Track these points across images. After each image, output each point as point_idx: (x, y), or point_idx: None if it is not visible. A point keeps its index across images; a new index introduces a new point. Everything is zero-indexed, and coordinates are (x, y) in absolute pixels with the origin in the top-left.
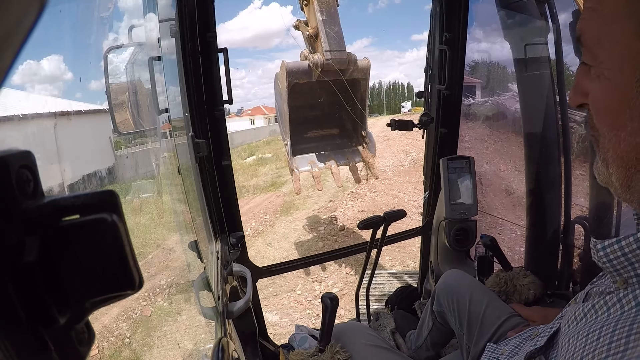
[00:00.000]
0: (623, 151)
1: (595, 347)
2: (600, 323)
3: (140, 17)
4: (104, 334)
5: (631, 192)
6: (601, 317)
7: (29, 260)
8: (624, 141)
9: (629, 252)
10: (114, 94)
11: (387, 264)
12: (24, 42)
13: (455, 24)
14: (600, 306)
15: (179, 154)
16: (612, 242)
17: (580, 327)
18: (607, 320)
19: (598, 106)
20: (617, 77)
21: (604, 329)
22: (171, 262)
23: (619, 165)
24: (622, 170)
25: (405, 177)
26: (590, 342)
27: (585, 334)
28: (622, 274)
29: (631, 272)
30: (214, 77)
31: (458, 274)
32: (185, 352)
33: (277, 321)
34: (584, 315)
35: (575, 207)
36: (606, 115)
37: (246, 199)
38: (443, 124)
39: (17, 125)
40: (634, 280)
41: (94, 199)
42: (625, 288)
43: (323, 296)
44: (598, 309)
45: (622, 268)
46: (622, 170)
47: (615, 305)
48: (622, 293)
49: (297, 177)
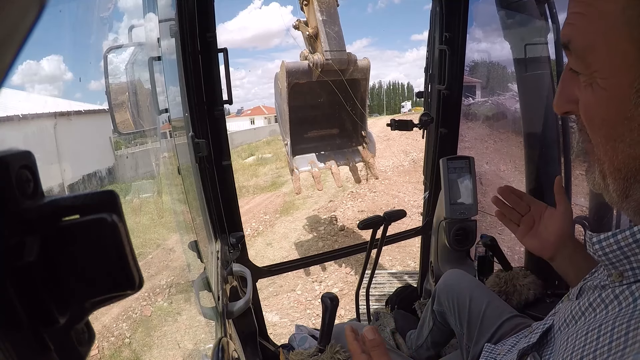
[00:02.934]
0: (621, 163)
1: (596, 347)
2: (598, 321)
3: (140, 17)
4: (104, 334)
5: (628, 201)
6: (599, 315)
7: (29, 260)
8: (621, 153)
9: (625, 245)
10: (114, 94)
11: (387, 264)
12: (24, 42)
13: (455, 24)
14: (597, 304)
15: (179, 154)
16: (607, 236)
17: (579, 326)
18: (605, 318)
19: (591, 117)
20: (614, 87)
21: (602, 327)
22: (171, 262)
23: (617, 177)
24: (620, 181)
25: (405, 177)
26: (590, 341)
27: (585, 333)
28: (617, 267)
29: (627, 266)
30: (214, 77)
31: (458, 274)
32: (185, 352)
33: (277, 321)
34: (582, 313)
35: (575, 207)
36: (601, 126)
37: (246, 199)
38: (443, 124)
39: (17, 125)
40: (629, 274)
41: (94, 199)
42: (621, 282)
43: (323, 296)
44: (596, 307)
45: (617, 261)
46: (620, 182)
47: (613, 302)
48: (618, 289)
49: (297, 177)
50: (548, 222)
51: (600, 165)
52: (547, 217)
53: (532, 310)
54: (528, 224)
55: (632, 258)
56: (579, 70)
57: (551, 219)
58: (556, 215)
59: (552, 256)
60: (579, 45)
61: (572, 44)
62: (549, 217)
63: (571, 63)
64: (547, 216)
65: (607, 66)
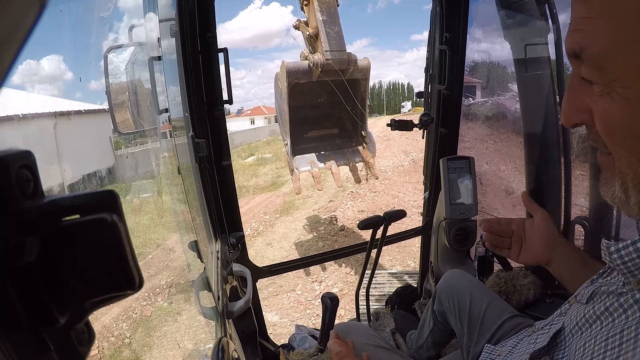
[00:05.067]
0: None
1: (619, 353)
2: (619, 327)
3: (140, 17)
4: (104, 334)
5: None
6: (619, 321)
7: (29, 260)
8: None
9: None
10: (114, 94)
11: (387, 264)
12: (24, 42)
13: (455, 24)
14: (615, 308)
15: (179, 154)
16: (627, 244)
17: (596, 331)
18: (626, 323)
19: (612, 128)
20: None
21: (624, 333)
22: (171, 262)
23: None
24: None
25: (405, 177)
26: (612, 347)
27: (605, 338)
28: (636, 275)
29: None
30: (214, 77)
31: (459, 274)
32: (185, 352)
33: (277, 321)
34: (597, 317)
35: (575, 207)
36: (625, 138)
37: (246, 199)
38: (443, 124)
39: (17, 125)
40: None
41: (94, 199)
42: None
43: (323, 296)
44: (613, 312)
45: (636, 269)
46: None
47: (633, 307)
48: (638, 295)
49: (297, 177)
50: (531, 233)
51: (622, 177)
52: (529, 229)
53: (532, 310)
54: (517, 243)
55: None
56: (594, 79)
57: (532, 229)
58: (536, 224)
59: (548, 261)
60: (593, 53)
61: (586, 52)
62: (531, 228)
63: (584, 72)
64: (529, 227)
65: (628, 74)
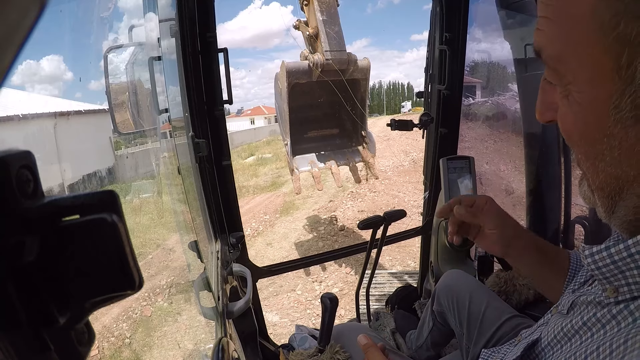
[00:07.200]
0: (602, 182)
1: None
2: (596, 343)
3: (140, 17)
4: (104, 334)
5: (614, 217)
6: (597, 336)
7: (29, 260)
8: (602, 172)
9: (619, 259)
10: (114, 94)
11: (387, 264)
12: (24, 42)
13: (455, 24)
14: (593, 323)
15: (179, 154)
16: (600, 249)
17: (576, 346)
18: (603, 339)
19: (569, 132)
20: (589, 101)
21: (600, 350)
22: (171, 262)
23: (600, 195)
24: (604, 199)
25: (405, 177)
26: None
27: (584, 357)
28: (612, 282)
29: (622, 281)
30: (214, 77)
31: (458, 274)
32: (185, 352)
33: (277, 321)
34: (575, 332)
35: (575, 207)
36: (580, 143)
37: (246, 199)
38: (443, 124)
39: (17, 125)
40: (624, 289)
41: (94, 199)
42: (616, 297)
43: (323, 296)
44: (591, 326)
45: (612, 276)
46: (604, 200)
47: (611, 322)
48: (615, 308)
49: (297, 177)
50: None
51: (586, 179)
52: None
53: (532, 310)
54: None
55: (628, 273)
56: (553, 81)
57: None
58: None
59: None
60: (548, 55)
61: (543, 54)
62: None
63: (546, 73)
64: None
65: (580, 79)
